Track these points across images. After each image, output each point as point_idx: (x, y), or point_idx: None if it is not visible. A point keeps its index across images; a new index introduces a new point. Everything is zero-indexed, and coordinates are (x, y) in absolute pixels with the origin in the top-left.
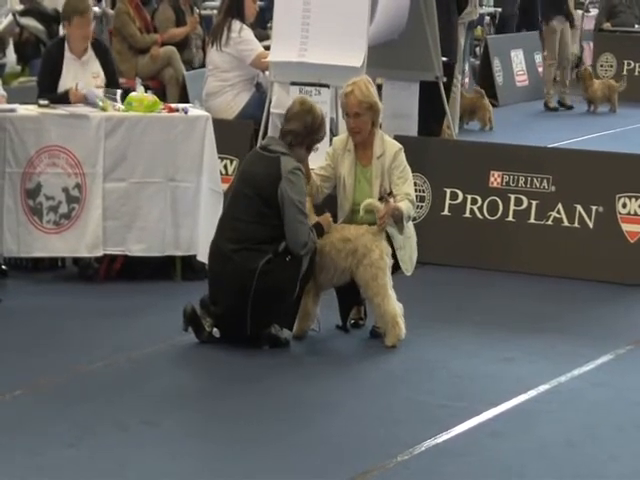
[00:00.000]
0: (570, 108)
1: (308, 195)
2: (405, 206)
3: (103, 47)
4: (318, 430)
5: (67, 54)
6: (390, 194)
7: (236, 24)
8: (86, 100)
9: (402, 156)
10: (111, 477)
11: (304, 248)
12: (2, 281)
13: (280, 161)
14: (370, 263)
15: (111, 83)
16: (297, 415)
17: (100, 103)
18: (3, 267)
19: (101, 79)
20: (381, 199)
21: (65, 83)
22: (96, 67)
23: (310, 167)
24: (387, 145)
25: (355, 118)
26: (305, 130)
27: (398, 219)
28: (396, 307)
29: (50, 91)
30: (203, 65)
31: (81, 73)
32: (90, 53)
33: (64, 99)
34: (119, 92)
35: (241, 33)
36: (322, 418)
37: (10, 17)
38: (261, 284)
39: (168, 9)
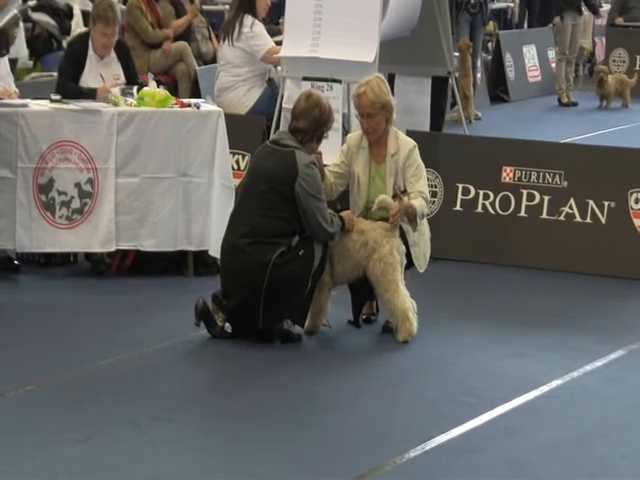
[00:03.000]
0: (574, 104)
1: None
2: (418, 204)
3: (125, 48)
4: (329, 426)
5: (90, 52)
6: (404, 192)
7: (248, 19)
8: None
9: (416, 154)
10: (123, 473)
11: (330, 234)
12: (14, 276)
13: (295, 155)
14: (379, 258)
15: (131, 83)
16: (308, 411)
17: (112, 98)
18: (15, 262)
19: (122, 81)
20: (394, 197)
21: (86, 80)
22: (117, 69)
23: (324, 164)
24: (401, 143)
25: (368, 118)
26: (314, 125)
27: (412, 217)
28: (407, 302)
29: (72, 81)
30: (215, 60)
31: (103, 73)
32: (113, 55)
33: (90, 95)
34: (135, 88)
35: (253, 28)
36: (333, 414)
37: (13, 11)
38: (274, 277)
39: (167, 4)
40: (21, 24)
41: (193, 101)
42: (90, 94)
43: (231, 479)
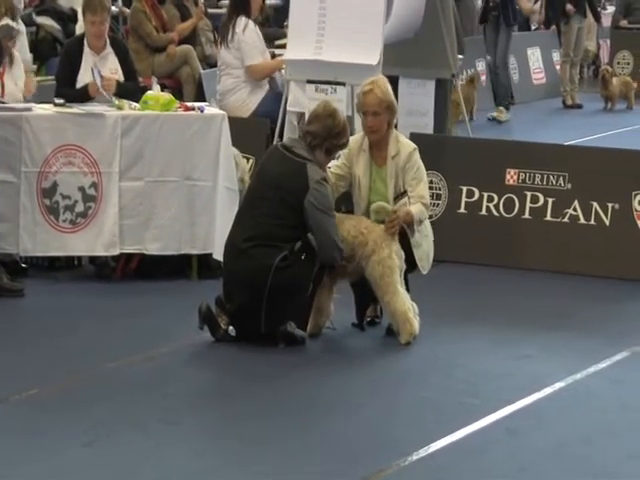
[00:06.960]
0: (579, 107)
1: None
2: (417, 210)
3: (122, 45)
4: (333, 428)
5: (86, 50)
6: (404, 193)
7: (241, 21)
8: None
9: (416, 156)
10: (128, 476)
11: (339, 250)
12: (21, 279)
13: (307, 169)
14: (378, 261)
15: (129, 78)
16: (312, 413)
17: (116, 102)
18: (23, 265)
19: (119, 75)
20: (396, 198)
21: (83, 78)
22: (114, 63)
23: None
24: (401, 145)
25: (373, 117)
26: (324, 132)
27: (409, 224)
28: (406, 304)
29: (68, 86)
30: None
31: (99, 68)
32: (109, 50)
33: (84, 93)
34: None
35: (245, 32)
36: (337, 416)
37: (6, 22)
38: (277, 280)
39: (171, 8)
40: (24, 30)
41: (197, 104)
42: (83, 92)
43: None
